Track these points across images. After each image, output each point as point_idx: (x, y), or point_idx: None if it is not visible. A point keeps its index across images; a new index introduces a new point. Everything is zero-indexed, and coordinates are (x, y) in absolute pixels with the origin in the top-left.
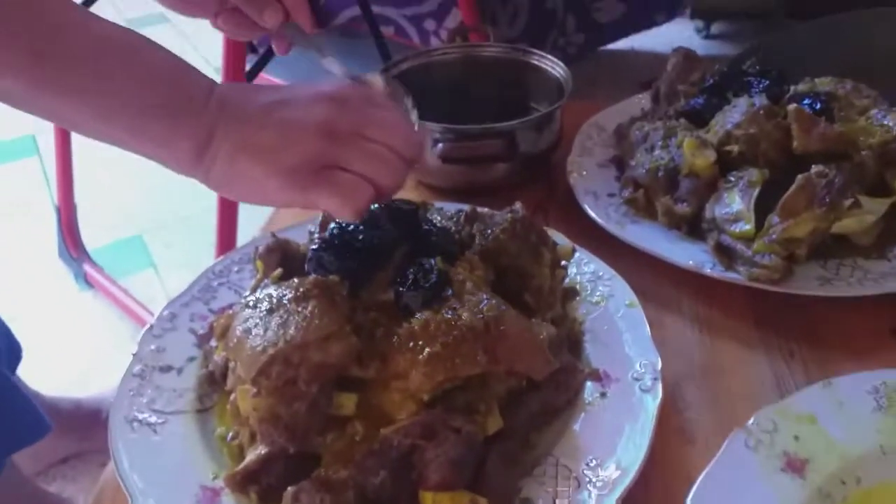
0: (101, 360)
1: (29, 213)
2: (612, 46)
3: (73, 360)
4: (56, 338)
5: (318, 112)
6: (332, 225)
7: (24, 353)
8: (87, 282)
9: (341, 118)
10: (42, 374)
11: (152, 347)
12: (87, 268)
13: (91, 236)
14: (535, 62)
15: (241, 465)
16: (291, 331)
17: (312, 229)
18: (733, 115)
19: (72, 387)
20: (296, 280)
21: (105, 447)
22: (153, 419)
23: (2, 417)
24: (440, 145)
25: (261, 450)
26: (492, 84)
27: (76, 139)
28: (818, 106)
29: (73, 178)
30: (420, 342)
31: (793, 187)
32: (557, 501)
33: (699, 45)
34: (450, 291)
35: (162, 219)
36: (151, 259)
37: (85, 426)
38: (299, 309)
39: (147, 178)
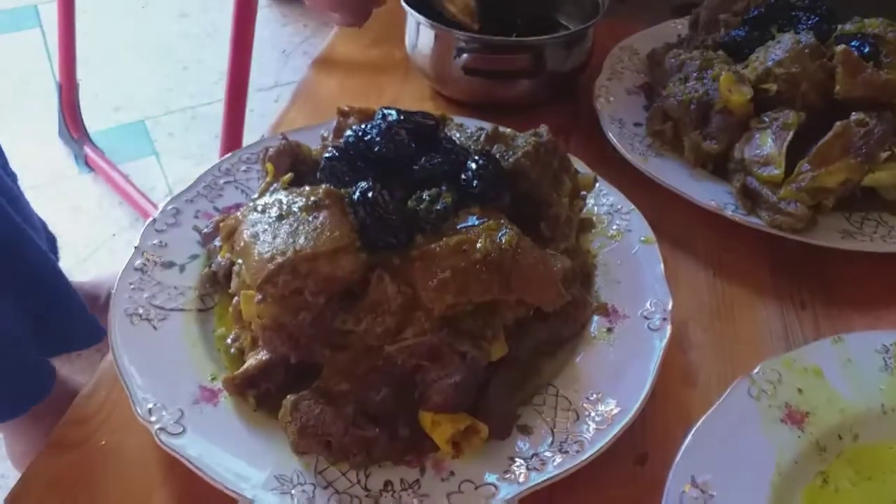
0: (100, 245)
1: (29, 88)
2: None
3: (71, 242)
4: (54, 219)
5: None
6: (348, 133)
7: None
8: (88, 164)
9: None
10: None
11: (155, 242)
12: (87, 150)
13: (93, 117)
14: None
15: (241, 369)
16: (301, 240)
17: (325, 134)
18: (776, 51)
19: (70, 270)
20: (308, 188)
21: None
22: (153, 315)
23: (59, 320)
24: (464, 55)
25: (262, 355)
26: None
27: (80, 10)
28: (866, 49)
29: (76, 53)
30: (433, 264)
31: (829, 134)
32: (556, 431)
33: None
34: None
35: (166, 106)
36: (153, 146)
37: None
38: (310, 218)
39: (155, 63)
